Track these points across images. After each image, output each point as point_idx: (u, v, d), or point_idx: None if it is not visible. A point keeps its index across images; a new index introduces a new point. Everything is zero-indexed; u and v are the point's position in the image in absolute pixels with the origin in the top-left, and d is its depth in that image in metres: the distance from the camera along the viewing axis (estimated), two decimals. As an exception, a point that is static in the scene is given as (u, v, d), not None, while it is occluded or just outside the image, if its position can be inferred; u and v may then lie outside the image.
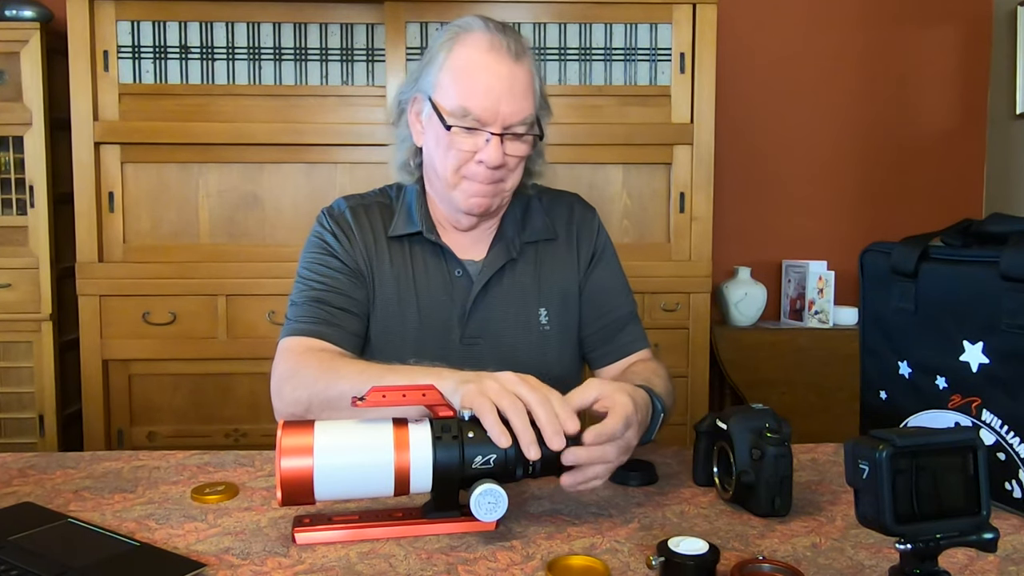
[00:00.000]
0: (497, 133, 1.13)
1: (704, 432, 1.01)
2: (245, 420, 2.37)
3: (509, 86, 1.13)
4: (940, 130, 2.94)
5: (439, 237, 1.25)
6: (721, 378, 2.70)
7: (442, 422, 0.85)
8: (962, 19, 2.91)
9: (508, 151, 1.15)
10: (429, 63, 1.19)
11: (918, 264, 1.05)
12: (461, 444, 0.84)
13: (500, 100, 1.13)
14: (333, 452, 0.83)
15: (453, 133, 1.14)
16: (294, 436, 0.83)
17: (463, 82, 1.14)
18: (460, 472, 0.84)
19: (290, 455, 0.82)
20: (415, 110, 1.23)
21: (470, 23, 1.17)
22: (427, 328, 1.22)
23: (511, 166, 1.18)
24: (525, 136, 1.17)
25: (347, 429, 0.85)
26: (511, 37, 1.16)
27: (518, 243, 1.27)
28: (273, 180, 2.38)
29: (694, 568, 0.72)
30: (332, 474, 0.82)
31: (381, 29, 2.35)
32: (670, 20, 2.39)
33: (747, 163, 2.88)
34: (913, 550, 0.65)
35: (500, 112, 1.13)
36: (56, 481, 1.02)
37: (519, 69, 1.15)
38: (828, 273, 2.71)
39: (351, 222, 1.26)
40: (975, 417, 0.99)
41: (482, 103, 1.12)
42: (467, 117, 1.13)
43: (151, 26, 2.33)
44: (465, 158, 1.16)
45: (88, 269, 2.32)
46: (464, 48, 1.15)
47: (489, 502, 0.82)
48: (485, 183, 1.17)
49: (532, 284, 1.26)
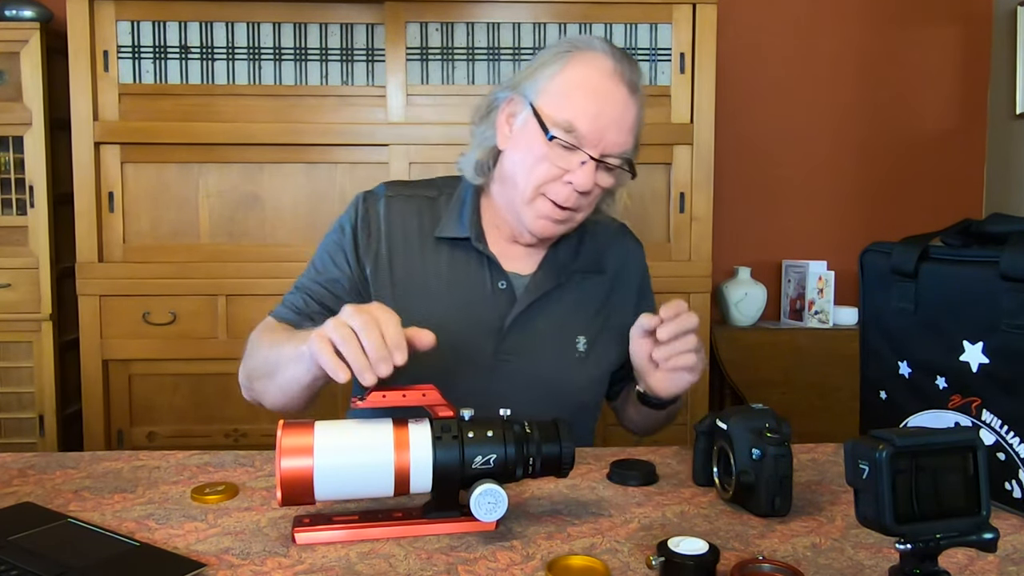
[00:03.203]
0: (595, 158, 1.11)
1: (704, 432, 1.01)
2: (245, 420, 2.36)
3: (620, 116, 1.11)
4: (940, 130, 2.94)
5: (486, 246, 1.21)
6: (721, 378, 2.70)
7: (442, 422, 0.85)
8: (962, 19, 2.91)
9: (597, 180, 1.13)
10: (539, 69, 1.15)
11: (918, 264, 1.05)
12: (461, 444, 0.84)
13: (609, 127, 1.10)
14: (333, 452, 0.83)
15: (552, 145, 1.11)
16: (294, 436, 0.83)
17: (577, 98, 1.11)
18: (460, 472, 0.84)
19: (290, 455, 0.82)
20: (508, 111, 1.18)
21: (592, 42, 1.15)
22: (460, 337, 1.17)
23: (592, 196, 1.15)
24: (615, 169, 1.14)
25: (347, 429, 0.85)
26: (632, 69, 1.14)
27: (569, 270, 1.24)
28: (273, 180, 2.38)
29: (694, 568, 0.72)
30: (332, 474, 0.82)
31: (381, 29, 2.35)
32: (670, 20, 2.39)
33: (747, 163, 2.88)
34: (913, 550, 0.65)
35: (605, 138, 1.11)
36: (56, 481, 1.02)
37: (633, 103, 1.13)
38: (828, 273, 2.71)
39: (381, 215, 1.23)
40: (975, 417, 0.99)
41: (591, 124, 1.10)
42: (571, 133, 1.10)
43: (151, 26, 2.33)
44: (554, 175, 1.12)
45: (88, 269, 2.32)
46: (583, 66, 1.12)
47: (489, 502, 0.82)
48: (562, 205, 1.13)
49: (574, 311, 1.23)
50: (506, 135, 1.18)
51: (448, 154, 2.34)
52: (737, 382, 2.63)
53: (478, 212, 1.24)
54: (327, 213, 2.38)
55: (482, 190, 1.26)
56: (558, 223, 1.16)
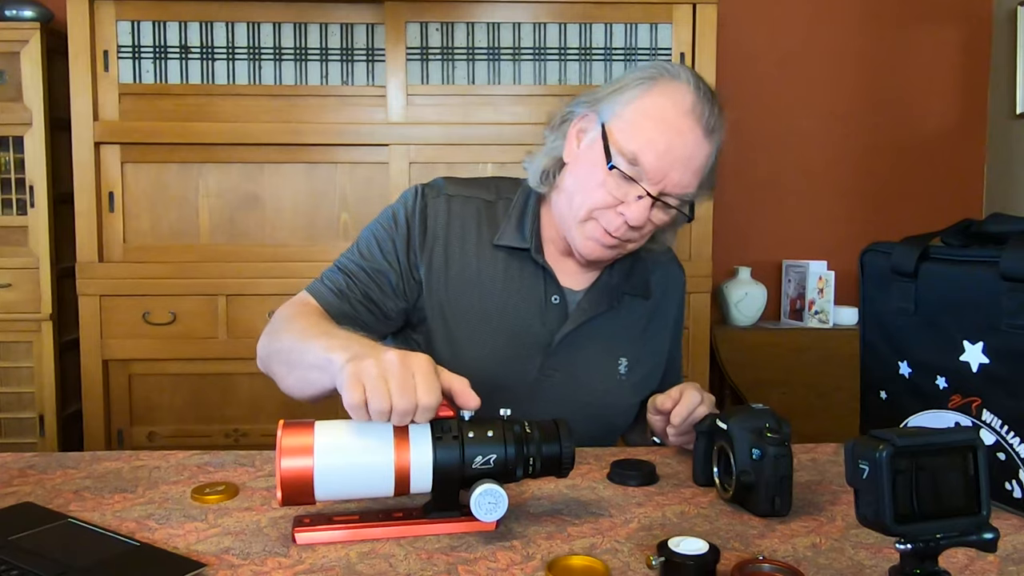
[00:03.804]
0: (653, 195, 1.08)
1: (704, 432, 1.01)
2: (245, 420, 2.37)
3: (689, 157, 1.08)
4: (940, 130, 2.94)
5: (544, 259, 1.19)
6: (721, 378, 2.70)
7: (442, 422, 0.85)
8: (962, 19, 2.91)
9: (651, 216, 1.10)
10: (619, 91, 1.12)
11: (918, 264, 1.05)
12: (461, 444, 0.84)
13: (674, 166, 1.07)
14: (333, 452, 0.82)
15: (612, 173, 1.08)
16: (294, 436, 0.82)
17: (647, 130, 1.07)
18: (460, 472, 0.84)
19: (290, 455, 0.81)
20: (579, 127, 1.15)
21: (679, 72, 1.10)
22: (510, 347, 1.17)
23: (644, 231, 1.13)
24: (673, 209, 1.12)
25: (347, 429, 0.84)
26: (714, 108, 1.10)
27: (620, 293, 1.23)
28: (273, 180, 2.38)
29: (694, 568, 0.72)
30: (332, 474, 0.82)
31: (381, 29, 2.35)
32: (670, 20, 2.39)
33: (747, 163, 2.88)
34: (913, 550, 0.65)
35: (668, 177, 1.07)
36: (56, 481, 1.02)
37: (706, 145, 1.09)
38: (828, 273, 2.71)
39: (441, 213, 1.19)
40: (975, 417, 0.99)
41: (656, 162, 1.06)
42: (633, 166, 1.07)
43: (151, 26, 2.33)
44: (609, 203, 1.10)
45: (88, 269, 2.32)
46: (663, 96, 1.08)
47: (489, 502, 0.82)
48: (612, 235, 1.11)
49: (620, 333, 1.23)
50: (573, 150, 1.16)
51: (448, 154, 2.34)
52: (737, 382, 2.63)
53: (538, 222, 1.21)
54: (327, 213, 2.38)
55: (542, 199, 1.23)
56: (607, 248, 1.14)
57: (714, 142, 1.11)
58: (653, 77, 1.10)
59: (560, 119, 1.19)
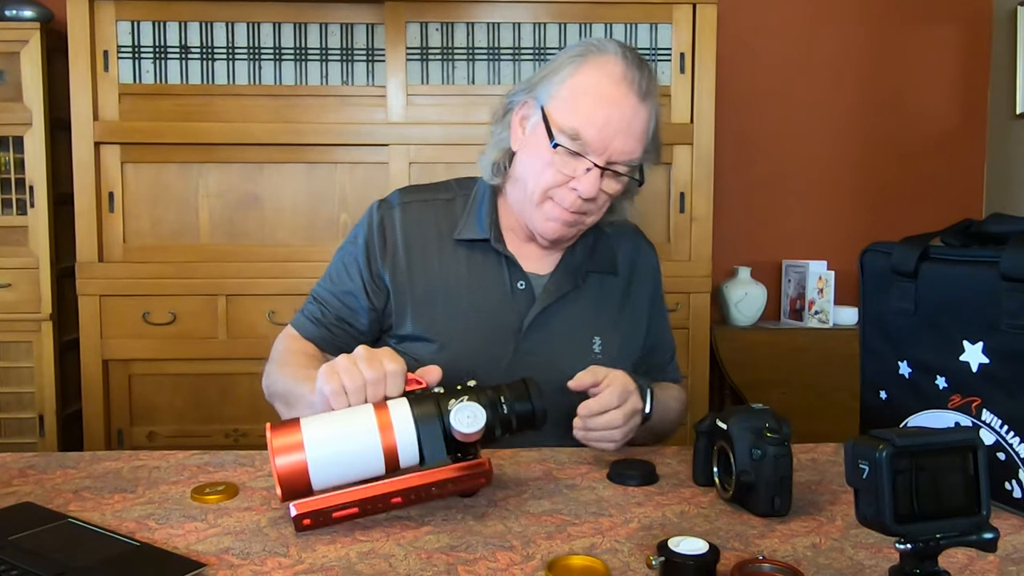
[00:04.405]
0: (600, 165, 1.11)
1: (704, 432, 1.01)
2: (245, 420, 2.37)
3: (628, 124, 1.11)
4: (940, 130, 2.94)
5: (505, 247, 1.22)
6: (721, 378, 2.70)
7: (415, 395, 0.90)
8: (962, 19, 2.91)
9: (603, 186, 1.13)
10: (552, 73, 1.15)
11: (918, 264, 1.05)
12: (440, 415, 0.88)
13: (615, 135, 1.10)
14: (322, 444, 0.87)
15: (558, 151, 1.11)
16: (283, 435, 0.87)
17: (583, 105, 1.10)
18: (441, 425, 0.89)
19: (282, 453, 0.86)
20: (521, 114, 1.19)
21: (606, 45, 1.13)
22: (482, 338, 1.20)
23: (599, 202, 1.16)
24: (624, 176, 1.15)
25: (332, 420, 0.89)
26: (644, 73, 1.12)
27: (584, 271, 1.25)
28: (273, 180, 2.38)
29: (694, 568, 0.72)
30: (325, 464, 0.86)
31: (381, 29, 2.35)
32: (670, 20, 2.39)
33: (747, 163, 2.88)
34: (913, 550, 0.65)
35: (611, 146, 1.10)
36: (56, 481, 1.02)
37: (643, 109, 1.12)
38: (828, 273, 2.71)
39: (397, 222, 1.24)
40: (975, 417, 0.99)
41: (596, 133, 1.09)
42: (576, 141, 1.10)
43: (151, 26, 2.33)
44: (560, 180, 1.13)
45: (88, 269, 2.32)
46: (594, 71, 1.11)
47: (468, 416, 0.87)
48: (569, 211, 1.14)
49: (590, 312, 1.24)
50: (519, 137, 1.19)
51: (448, 154, 2.34)
52: (737, 382, 2.63)
53: (495, 213, 1.25)
54: (327, 213, 2.38)
55: (499, 191, 1.26)
56: (567, 226, 1.17)
57: (650, 106, 1.14)
58: (582, 54, 1.13)
59: (503, 110, 1.23)
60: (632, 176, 1.16)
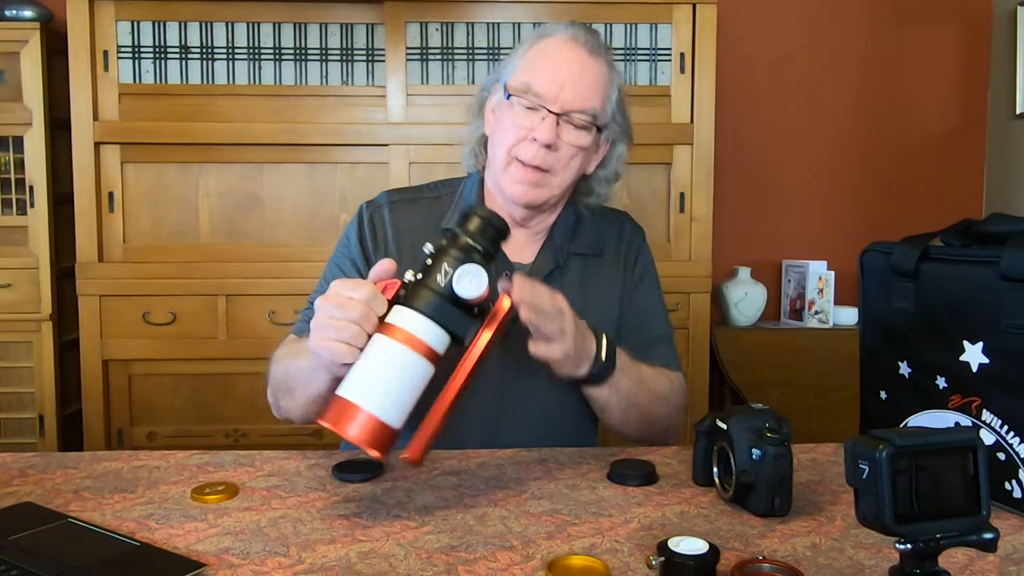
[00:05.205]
0: (554, 112, 1.15)
1: (704, 432, 1.01)
2: (245, 420, 2.37)
3: (577, 74, 1.16)
4: (940, 130, 2.94)
5: None
6: (721, 378, 2.70)
7: (401, 296, 0.90)
8: (962, 19, 2.91)
9: (563, 137, 1.16)
10: (512, 56, 1.23)
11: (918, 264, 1.05)
12: (440, 293, 0.89)
13: (565, 83, 1.15)
14: (371, 391, 0.87)
15: (512, 105, 1.17)
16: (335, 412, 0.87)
17: (534, 63, 1.18)
18: (441, 295, 0.89)
19: (347, 423, 0.86)
20: (491, 102, 1.25)
21: (557, 27, 1.21)
22: None
23: (562, 157, 1.18)
24: (584, 128, 1.18)
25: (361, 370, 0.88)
26: (591, 36, 1.19)
27: (566, 252, 1.26)
28: (273, 180, 2.38)
29: (694, 568, 0.72)
30: (386, 403, 0.87)
31: (381, 29, 2.35)
32: (670, 20, 2.39)
33: (747, 163, 2.88)
34: (913, 550, 0.65)
35: (562, 95, 1.15)
36: (56, 481, 1.02)
37: (591, 62, 1.17)
38: (828, 273, 2.71)
39: (386, 219, 1.27)
40: (975, 417, 0.99)
41: (547, 82, 1.15)
42: (528, 93, 1.16)
43: (151, 26, 2.33)
44: (520, 135, 1.17)
45: (88, 269, 2.32)
46: (545, 40, 1.20)
47: (470, 279, 0.88)
48: (531, 165, 1.16)
49: (576, 296, 1.22)
50: (491, 121, 1.25)
51: (448, 154, 2.34)
52: (737, 382, 2.63)
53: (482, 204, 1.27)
54: (327, 213, 2.38)
55: (483, 185, 1.29)
56: (533, 186, 1.19)
57: (603, 64, 1.19)
58: (536, 33, 1.22)
59: (478, 105, 1.29)
60: (592, 125, 1.18)
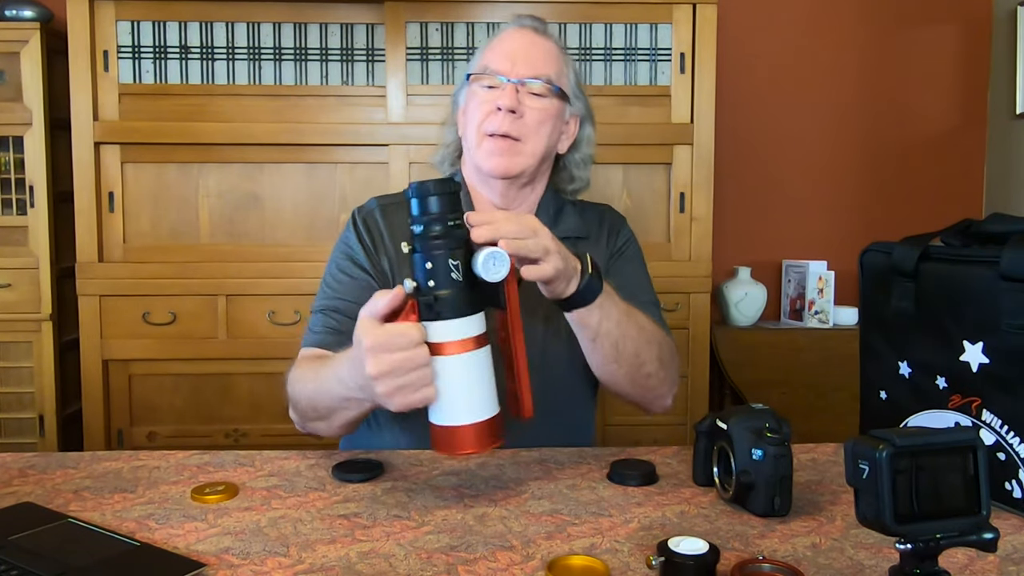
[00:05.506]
0: (512, 80, 1.21)
1: (704, 432, 1.01)
2: (245, 420, 2.37)
3: (528, 47, 1.24)
4: (940, 130, 2.94)
5: None
6: (721, 378, 2.70)
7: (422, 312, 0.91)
8: (962, 19, 2.91)
9: (525, 103, 1.22)
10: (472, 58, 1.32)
11: (918, 264, 1.05)
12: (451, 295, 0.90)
13: (517, 56, 1.23)
14: (456, 409, 0.91)
15: (475, 91, 1.24)
16: (445, 442, 0.92)
17: (489, 50, 1.27)
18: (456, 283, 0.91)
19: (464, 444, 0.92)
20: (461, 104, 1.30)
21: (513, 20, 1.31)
22: None
23: (529, 123, 1.22)
24: (543, 96, 1.23)
25: (443, 395, 0.91)
26: (539, 23, 1.29)
27: None
28: (273, 180, 2.38)
29: (694, 568, 0.72)
30: (481, 403, 0.92)
31: (381, 29, 2.35)
32: (670, 20, 2.39)
33: (747, 163, 2.87)
34: (913, 550, 0.65)
35: (516, 66, 1.23)
36: (56, 481, 1.02)
37: (540, 39, 1.26)
38: (828, 273, 2.71)
39: (380, 222, 1.29)
40: (975, 417, 0.99)
41: (501, 58, 1.24)
42: (486, 73, 1.24)
43: (151, 26, 2.33)
44: (486, 110, 1.22)
45: (88, 269, 2.32)
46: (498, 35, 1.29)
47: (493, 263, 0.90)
48: (500, 133, 1.20)
49: None
50: (462, 122, 1.29)
51: (448, 154, 2.34)
52: (737, 382, 2.63)
53: (468, 198, 1.29)
54: (327, 213, 2.38)
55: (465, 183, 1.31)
56: (506, 153, 1.22)
57: (552, 43, 1.27)
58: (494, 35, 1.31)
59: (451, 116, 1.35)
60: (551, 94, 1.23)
